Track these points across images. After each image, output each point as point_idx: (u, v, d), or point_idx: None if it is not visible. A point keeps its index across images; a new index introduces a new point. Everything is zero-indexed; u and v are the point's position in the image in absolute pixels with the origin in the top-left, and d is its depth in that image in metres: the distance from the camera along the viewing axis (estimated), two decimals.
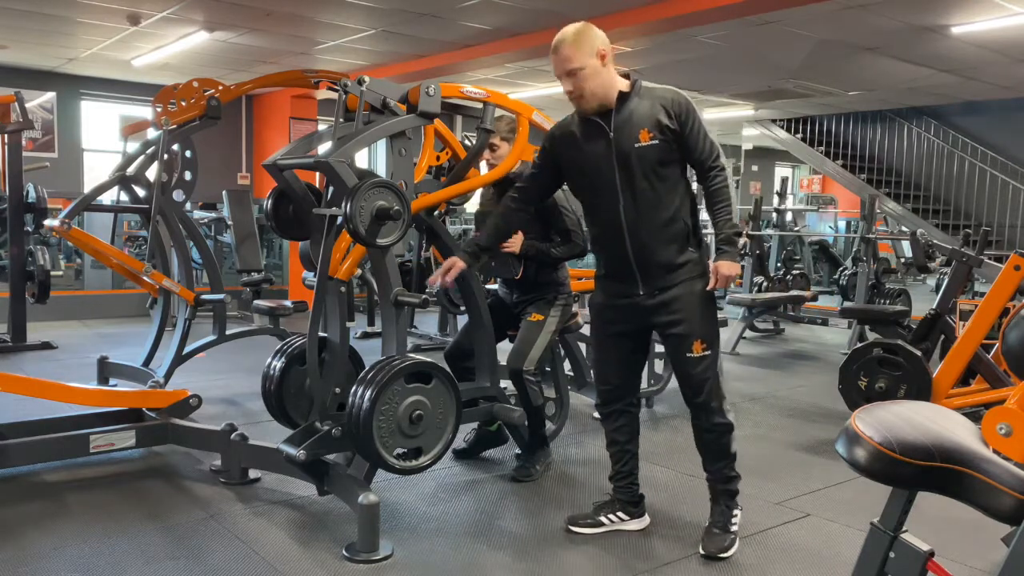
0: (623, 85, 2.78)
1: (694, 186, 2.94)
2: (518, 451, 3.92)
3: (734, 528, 2.92)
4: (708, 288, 2.80)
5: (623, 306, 2.90)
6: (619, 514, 3.08)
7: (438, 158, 3.87)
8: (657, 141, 2.71)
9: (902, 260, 12.81)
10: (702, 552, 2.86)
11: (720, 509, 2.95)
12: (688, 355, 2.79)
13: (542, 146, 3.03)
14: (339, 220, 2.88)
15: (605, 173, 2.79)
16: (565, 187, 3.86)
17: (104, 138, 10.26)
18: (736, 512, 2.96)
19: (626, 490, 3.09)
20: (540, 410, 3.71)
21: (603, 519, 3.08)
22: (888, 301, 8.07)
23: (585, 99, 2.74)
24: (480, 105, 3.50)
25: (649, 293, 2.82)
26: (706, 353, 2.79)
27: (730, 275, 2.73)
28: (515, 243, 3.71)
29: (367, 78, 3.04)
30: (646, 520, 3.13)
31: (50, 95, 9.76)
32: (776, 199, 11.00)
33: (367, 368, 2.84)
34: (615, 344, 2.99)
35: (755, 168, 16.61)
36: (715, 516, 2.95)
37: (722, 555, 2.85)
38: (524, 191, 3.11)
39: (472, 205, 5.29)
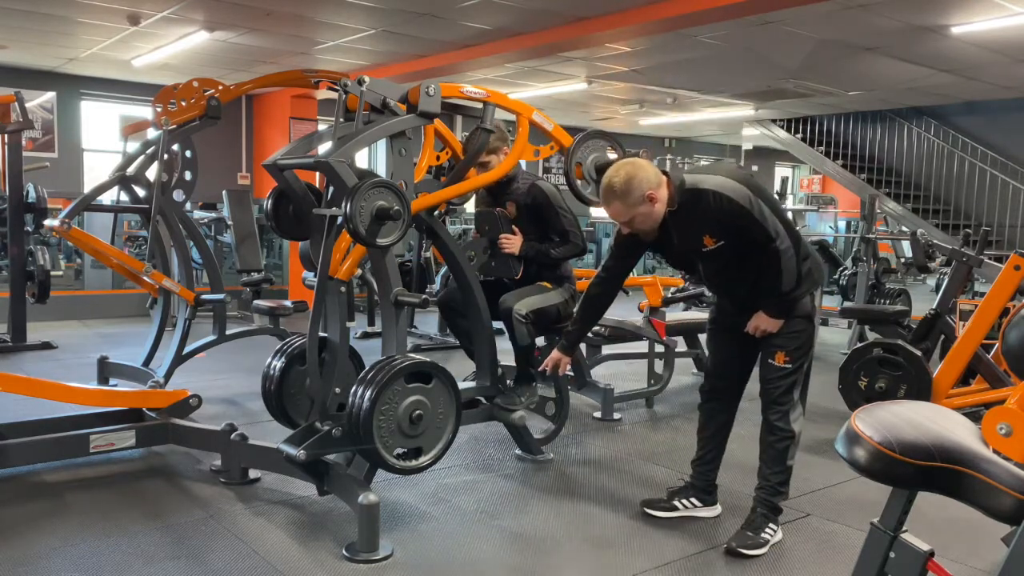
0: (667, 195, 2.77)
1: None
2: (518, 451, 3.92)
3: (765, 536, 2.90)
4: (747, 329, 2.94)
5: (728, 306, 3.11)
6: (692, 500, 3.19)
7: (438, 158, 3.87)
8: (723, 242, 2.81)
9: (902, 260, 12.76)
10: (724, 548, 2.88)
11: (759, 515, 2.95)
12: (770, 361, 2.93)
13: (618, 231, 3.03)
14: (339, 220, 2.88)
15: (684, 261, 3.11)
16: (560, 186, 3.87)
17: (104, 138, 10.25)
18: (773, 527, 2.95)
19: (701, 477, 3.19)
20: (527, 350, 3.68)
21: (677, 504, 3.20)
22: (888, 301, 8.06)
23: (645, 234, 2.89)
24: (480, 105, 3.50)
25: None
26: (787, 366, 2.90)
27: (758, 324, 2.89)
28: (514, 244, 3.71)
29: (367, 78, 3.03)
30: (718, 509, 3.21)
31: (50, 95, 9.75)
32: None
33: (367, 368, 2.85)
34: (722, 341, 3.13)
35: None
36: (751, 520, 2.95)
37: (744, 551, 2.83)
38: (609, 271, 3.14)
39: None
